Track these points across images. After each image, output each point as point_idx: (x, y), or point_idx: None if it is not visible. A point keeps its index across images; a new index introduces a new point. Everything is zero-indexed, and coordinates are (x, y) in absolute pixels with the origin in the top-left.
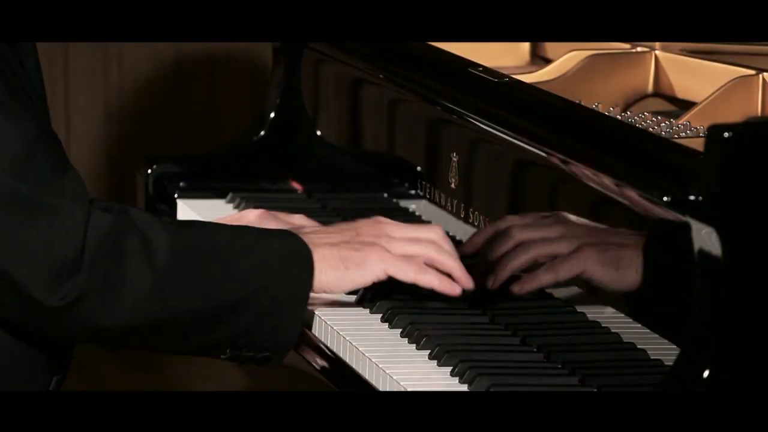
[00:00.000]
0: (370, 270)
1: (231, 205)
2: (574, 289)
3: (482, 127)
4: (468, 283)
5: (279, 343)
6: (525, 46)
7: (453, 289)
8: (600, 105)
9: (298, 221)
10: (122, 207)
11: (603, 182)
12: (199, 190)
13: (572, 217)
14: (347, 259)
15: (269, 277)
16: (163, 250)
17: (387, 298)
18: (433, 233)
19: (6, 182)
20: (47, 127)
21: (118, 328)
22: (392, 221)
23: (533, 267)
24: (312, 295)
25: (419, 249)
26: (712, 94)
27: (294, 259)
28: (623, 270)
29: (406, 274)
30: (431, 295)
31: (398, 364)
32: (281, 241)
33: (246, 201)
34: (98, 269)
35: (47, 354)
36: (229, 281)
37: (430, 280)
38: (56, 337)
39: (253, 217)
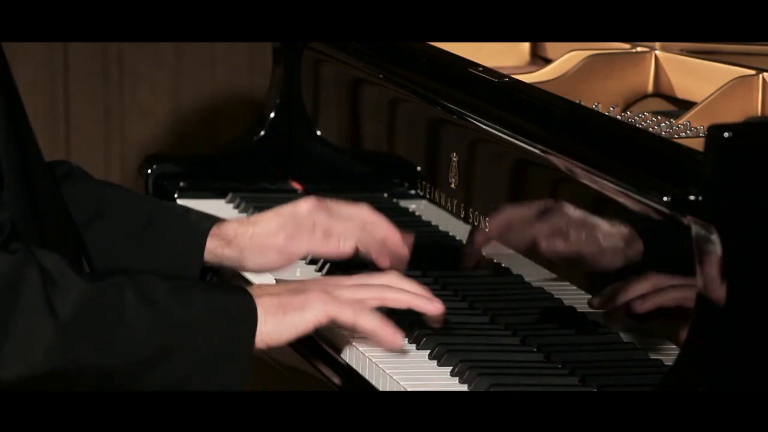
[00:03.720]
0: (310, 312)
1: (231, 205)
2: (573, 289)
3: (482, 127)
4: (435, 307)
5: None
6: (525, 46)
7: (393, 339)
8: (600, 105)
9: (357, 213)
10: (29, 250)
11: (603, 182)
12: (199, 190)
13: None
14: (287, 304)
15: (201, 331)
16: (69, 298)
17: None
18: (385, 277)
19: None
20: None
21: (15, 380)
22: (343, 278)
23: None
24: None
25: (368, 292)
26: (712, 94)
27: (233, 313)
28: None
29: (345, 315)
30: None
31: (398, 364)
32: (221, 296)
33: (246, 201)
34: None
35: None
36: (150, 334)
37: (369, 323)
38: None
39: (305, 211)
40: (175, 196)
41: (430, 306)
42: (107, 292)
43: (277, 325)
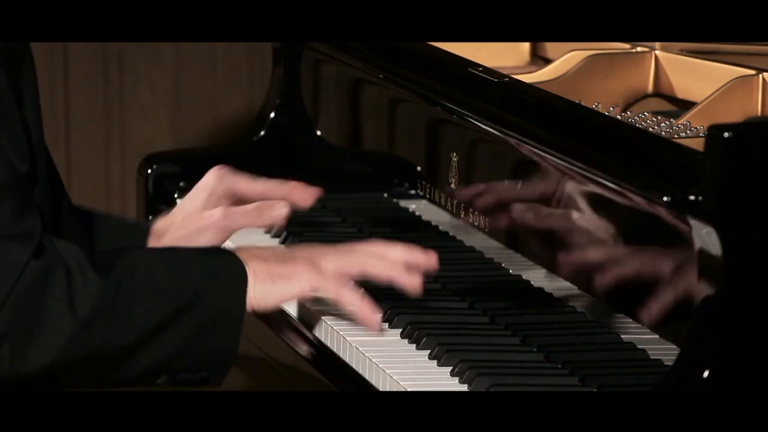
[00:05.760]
0: (297, 283)
1: None
2: (573, 290)
3: (482, 127)
4: (412, 283)
5: (214, 362)
6: (525, 46)
7: (371, 317)
8: (600, 105)
9: (260, 187)
10: (56, 248)
11: (603, 182)
12: None
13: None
14: (275, 272)
15: (198, 296)
16: (87, 296)
17: (387, 298)
18: (369, 246)
19: None
20: (11, 171)
21: (37, 371)
22: (328, 247)
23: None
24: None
25: (349, 260)
26: (712, 94)
27: (226, 277)
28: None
29: (328, 289)
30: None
31: (398, 364)
32: (214, 260)
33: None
34: (17, 317)
35: None
36: (154, 310)
37: (348, 298)
38: None
39: (213, 178)
40: (175, 196)
41: (407, 281)
42: (117, 286)
43: (265, 292)
